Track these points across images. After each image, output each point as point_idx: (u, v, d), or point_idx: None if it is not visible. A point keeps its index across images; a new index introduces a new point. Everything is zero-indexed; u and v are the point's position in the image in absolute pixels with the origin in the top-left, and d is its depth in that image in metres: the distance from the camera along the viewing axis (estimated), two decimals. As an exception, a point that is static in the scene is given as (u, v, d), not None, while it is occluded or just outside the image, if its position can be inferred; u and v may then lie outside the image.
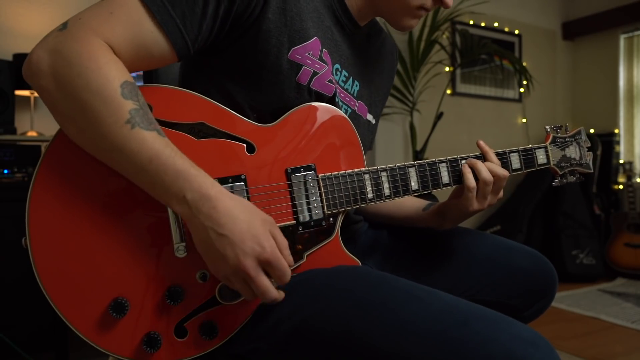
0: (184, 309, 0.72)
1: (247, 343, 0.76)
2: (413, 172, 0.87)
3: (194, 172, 0.65)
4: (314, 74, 0.83)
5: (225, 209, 0.65)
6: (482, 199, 0.89)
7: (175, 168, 0.65)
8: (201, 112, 0.75)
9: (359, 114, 0.95)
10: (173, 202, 0.66)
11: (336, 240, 0.83)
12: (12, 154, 1.94)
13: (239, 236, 0.65)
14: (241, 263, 0.65)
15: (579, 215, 3.57)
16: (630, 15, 3.82)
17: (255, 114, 0.81)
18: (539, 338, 0.61)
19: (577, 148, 1.03)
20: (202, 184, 0.65)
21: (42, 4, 2.41)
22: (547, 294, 0.95)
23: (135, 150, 0.64)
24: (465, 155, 0.91)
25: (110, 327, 0.69)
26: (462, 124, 3.67)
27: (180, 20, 0.70)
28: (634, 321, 2.56)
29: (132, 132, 0.64)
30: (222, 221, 0.65)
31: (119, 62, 0.67)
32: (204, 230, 0.65)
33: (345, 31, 0.91)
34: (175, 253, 0.70)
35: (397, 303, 0.67)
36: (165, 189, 0.65)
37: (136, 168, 0.65)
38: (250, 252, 0.65)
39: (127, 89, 0.65)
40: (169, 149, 0.65)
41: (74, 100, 0.64)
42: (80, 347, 1.97)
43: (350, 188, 0.83)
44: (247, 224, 0.66)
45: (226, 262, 0.65)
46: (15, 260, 1.86)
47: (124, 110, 0.64)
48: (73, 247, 0.68)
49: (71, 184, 0.68)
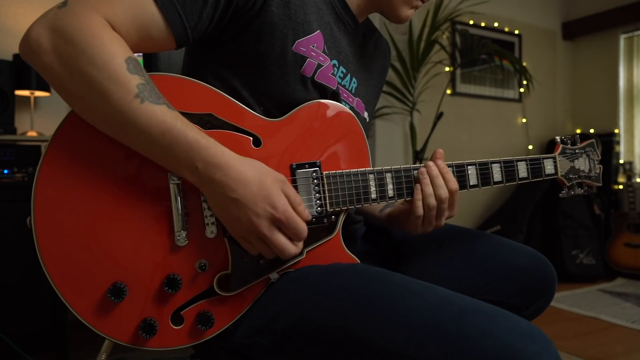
0: (181, 297, 0.73)
1: (245, 338, 0.76)
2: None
3: (205, 143, 0.67)
4: (318, 67, 0.83)
5: (237, 174, 0.68)
6: (428, 225, 0.86)
7: (187, 140, 0.66)
8: (210, 103, 0.76)
9: (358, 111, 0.95)
10: (185, 172, 0.69)
11: (337, 239, 0.83)
12: (12, 154, 1.94)
13: (250, 199, 0.68)
14: (254, 225, 0.69)
15: (578, 215, 3.57)
16: (630, 15, 3.82)
17: (262, 107, 0.81)
18: (535, 331, 0.61)
19: (587, 160, 1.02)
20: (213, 154, 0.67)
21: (42, 4, 2.41)
22: (546, 293, 0.95)
23: (146, 125, 0.65)
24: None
25: (108, 311, 0.70)
26: (462, 124, 3.67)
27: (180, 6, 0.71)
28: (634, 321, 2.56)
29: (141, 106, 0.65)
30: (233, 186, 0.68)
31: (121, 39, 0.67)
32: (218, 197, 0.69)
33: (345, 28, 0.92)
34: (176, 241, 0.72)
35: (393, 298, 0.67)
36: (178, 160, 0.68)
37: (148, 142, 0.67)
38: (263, 213, 0.68)
39: (132, 64, 0.66)
40: (179, 122, 0.67)
41: (80, 78, 0.64)
42: (81, 347, 1.98)
43: (354, 187, 0.83)
44: (258, 185, 0.69)
45: (241, 224, 0.69)
46: (15, 260, 1.87)
47: (131, 84, 0.65)
48: (76, 229, 0.69)
49: (78, 168, 0.70)
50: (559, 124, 4.25)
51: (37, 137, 2.14)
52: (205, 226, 0.74)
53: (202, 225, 0.74)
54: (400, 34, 3.21)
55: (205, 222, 0.74)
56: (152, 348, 0.73)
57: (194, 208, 0.74)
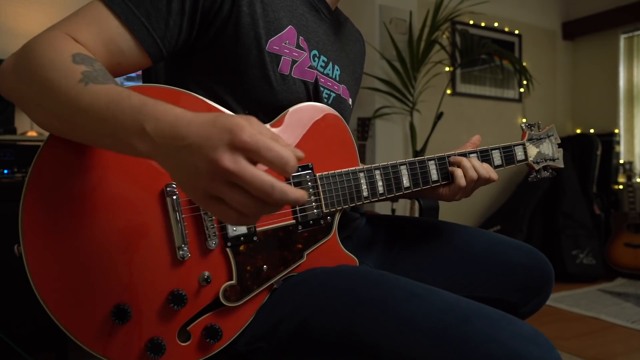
0: (187, 313, 0.71)
1: (249, 343, 0.76)
2: (404, 169, 0.90)
3: (151, 102, 0.56)
4: (293, 62, 0.84)
5: (187, 121, 0.53)
6: (464, 195, 0.97)
7: (131, 104, 0.57)
8: (194, 111, 0.75)
9: (344, 98, 0.96)
10: (135, 141, 0.56)
11: (334, 239, 0.83)
12: (12, 154, 1.94)
13: (203, 133, 0.51)
14: (213, 162, 0.49)
15: (579, 215, 3.57)
16: (630, 15, 3.82)
17: (247, 111, 0.81)
18: (539, 335, 0.61)
19: (550, 145, 1.09)
20: (160, 111, 0.55)
21: (42, 4, 2.41)
22: (544, 289, 0.95)
23: (90, 103, 0.58)
24: (452, 153, 0.98)
25: (113, 335, 0.67)
26: (462, 124, 3.67)
27: (145, 18, 0.70)
28: (634, 321, 2.56)
29: (85, 88, 0.60)
30: (184, 133, 0.52)
31: (75, 42, 0.66)
32: (173, 157, 0.53)
33: (320, 16, 0.93)
34: (178, 256, 0.70)
35: (397, 301, 0.67)
36: (126, 129, 0.56)
37: (97, 122, 0.58)
38: (219, 141, 0.50)
39: (80, 57, 0.63)
40: (125, 92, 0.59)
41: (31, 81, 0.63)
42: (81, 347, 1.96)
43: (347, 187, 0.84)
44: (212, 121, 0.52)
45: (199, 173, 0.51)
46: (15, 260, 1.87)
47: (76, 72, 0.61)
48: (70, 255, 0.66)
49: (65, 192, 0.66)
50: (559, 124, 4.25)
51: (37, 137, 2.15)
52: (207, 238, 0.72)
53: (203, 237, 0.72)
54: (400, 34, 3.21)
55: (207, 233, 0.72)
56: None
57: (193, 221, 0.72)
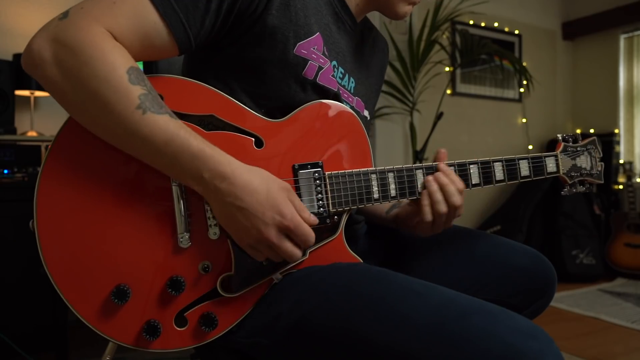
0: (185, 299, 0.73)
1: (247, 337, 0.76)
2: (420, 174, 0.86)
3: (210, 152, 0.67)
4: (319, 69, 0.83)
5: (243, 183, 0.68)
6: (438, 228, 0.86)
7: (191, 150, 0.66)
8: (212, 105, 0.76)
9: (357, 110, 0.95)
10: (191, 182, 0.69)
11: (340, 239, 0.83)
12: (12, 154, 1.94)
13: (258, 207, 0.68)
14: (263, 234, 0.69)
15: (579, 215, 3.57)
16: (630, 15, 3.82)
17: (263, 109, 0.81)
18: (538, 330, 0.61)
19: (589, 158, 1.02)
20: (217, 163, 0.67)
21: (42, 4, 2.41)
22: (546, 292, 0.95)
23: (149, 135, 0.65)
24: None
25: (112, 314, 0.70)
26: (462, 124, 3.67)
27: (183, 14, 0.71)
28: (634, 321, 2.56)
29: (143, 117, 0.65)
30: (240, 195, 0.68)
31: (123, 49, 0.68)
32: (225, 206, 0.69)
33: (345, 28, 0.92)
34: (179, 243, 0.72)
35: (395, 297, 0.67)
36: (183, 169, 0.67)
37: (152, 152, 0.67)
38: (271, 221, 0.69)
39: (134, 74, 0.66)
40: (182, 131, 0.67)
41: (82, 90, 0.64)
42: (80, 347, 1.98)
43: (356, 187, 0.83)
44: (265, 194, 0.69)
45: (249, 233, 0.69)
46: (15, 260, 1.86)
47: (133, 95, 0.65)
48: (79, 233, 0.69)
49: (79, 173, 0.70)
50: (559, 124, 4.25)
51: (37, 137, 2.14)
52: (208, 228, 0.74)
53: (205, 226, 0.74)
54: (400, 34, 3.21)
55: (208, 223, 0.74)
56: (155, 350, 0.73)
57: (196, 210, 0.74)
